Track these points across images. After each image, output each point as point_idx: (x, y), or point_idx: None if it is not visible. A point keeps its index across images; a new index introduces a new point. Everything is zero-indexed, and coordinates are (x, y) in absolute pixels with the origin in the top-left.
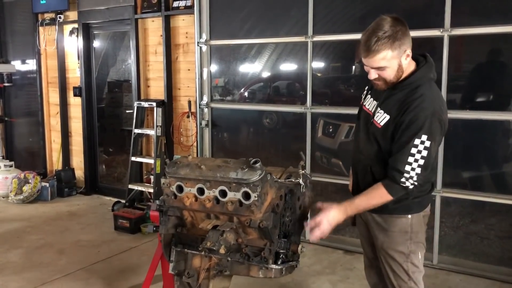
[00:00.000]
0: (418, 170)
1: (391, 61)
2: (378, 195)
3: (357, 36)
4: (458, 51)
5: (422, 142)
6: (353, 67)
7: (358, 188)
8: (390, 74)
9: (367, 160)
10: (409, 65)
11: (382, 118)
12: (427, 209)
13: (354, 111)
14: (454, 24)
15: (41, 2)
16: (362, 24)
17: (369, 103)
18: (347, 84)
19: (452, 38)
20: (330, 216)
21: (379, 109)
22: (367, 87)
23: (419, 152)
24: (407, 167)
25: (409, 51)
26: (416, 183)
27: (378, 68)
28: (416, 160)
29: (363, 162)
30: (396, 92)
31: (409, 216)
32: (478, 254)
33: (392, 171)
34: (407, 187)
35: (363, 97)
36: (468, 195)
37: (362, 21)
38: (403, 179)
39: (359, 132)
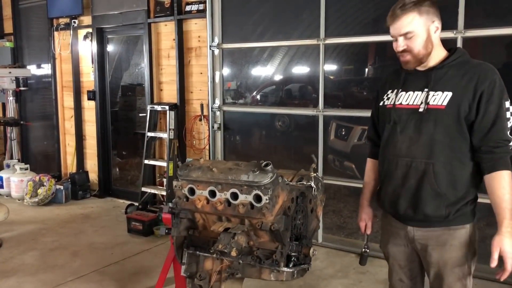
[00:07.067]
0: None
1: (419, 28)
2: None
3: (370, 38)
4: (472, 53)
5: (510, 104)
6: (366, 69)
7: (395, 198)
8: (419, 44)
9: (419, 162)
10: (440, 47)
11: (442, 97)
12: None
13: (367, 113)
14: (467, 26)
15: None
16: (375, 27)
17: (407, 98)
18: (359, 86)
19: (466, 40)
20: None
21: (432, 93)
22: (380, 89)
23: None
24: (510, 134)
25: (438, 24)
26: None
27: (406, 36)
28: None
29: (409, 166)
30: (446, 70)
31: (468, 225)
32: None
33: (499, 144)
34: None
35: (386, 98)
36: (483, 198)
37: (374, 24)
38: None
39: (395, 135)
